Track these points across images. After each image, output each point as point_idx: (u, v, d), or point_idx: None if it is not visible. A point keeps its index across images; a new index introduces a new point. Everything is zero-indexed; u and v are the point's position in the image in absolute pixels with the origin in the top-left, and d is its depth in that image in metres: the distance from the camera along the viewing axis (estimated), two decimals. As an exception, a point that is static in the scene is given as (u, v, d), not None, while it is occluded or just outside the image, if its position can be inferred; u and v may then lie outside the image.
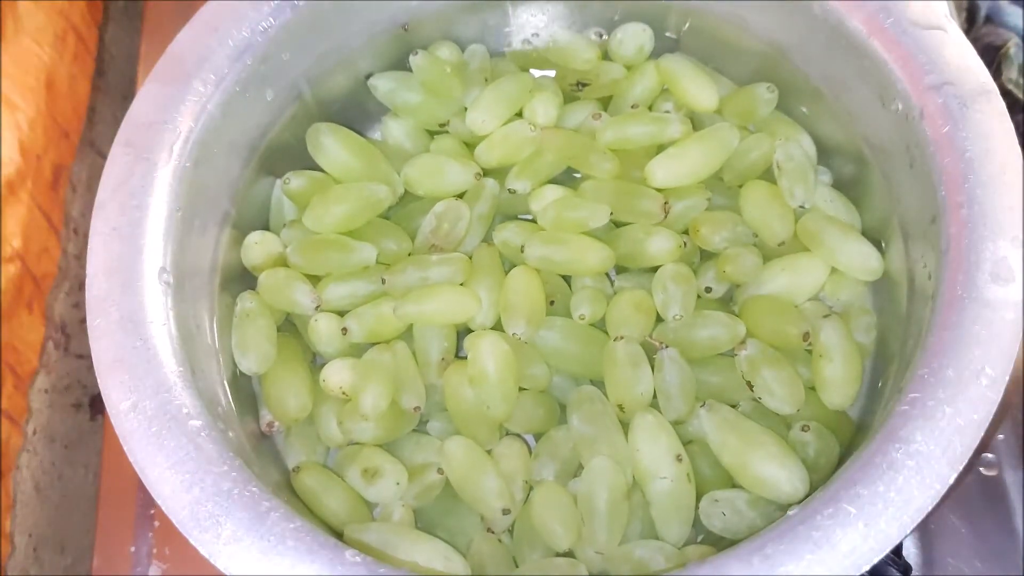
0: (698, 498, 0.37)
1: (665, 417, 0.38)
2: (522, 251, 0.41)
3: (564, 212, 0.41)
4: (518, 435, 0.41)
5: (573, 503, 0.37)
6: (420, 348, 0.41)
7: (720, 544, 0.37)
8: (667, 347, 0.39)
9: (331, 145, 0.44)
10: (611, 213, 0.41)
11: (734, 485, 0.38)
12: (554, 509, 0.37)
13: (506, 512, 0.37)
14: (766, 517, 0.36)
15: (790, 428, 0.39)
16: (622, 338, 0.39)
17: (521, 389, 0.40)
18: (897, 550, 0.41)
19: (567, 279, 0.43)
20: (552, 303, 0.41)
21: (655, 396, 0.39)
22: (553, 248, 0.41)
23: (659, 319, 0.41)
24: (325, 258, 0.42)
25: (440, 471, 0.39)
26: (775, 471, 0.36)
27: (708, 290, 0.41)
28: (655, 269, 0.41)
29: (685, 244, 0.41)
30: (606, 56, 0.48)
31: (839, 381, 0.38)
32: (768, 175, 0.43)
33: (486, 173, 0.44)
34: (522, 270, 0.41)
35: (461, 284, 0.41)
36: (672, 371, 0.39)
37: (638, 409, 0.38)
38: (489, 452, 0.39)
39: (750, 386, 0.39)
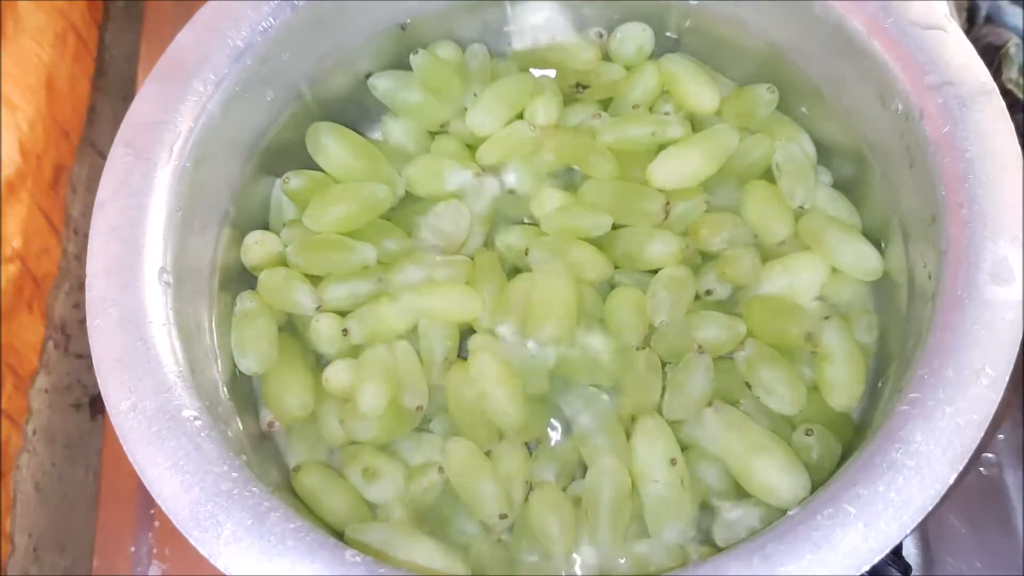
0: (699, 502, 0.37)
1: (667, 415, 0.38)
2: (526, 254, 0.41)
3: (567, 220, 0.42)
4: (518, 435, 0.41)
5: (571, 507, 0.37)
6: (424, 348, 0.41)
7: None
8: (703, 351, 0.39)
9: (331, 145, 0.44)
10: (611, 216, 0.41)
11: (736, 491, 0.38)
12: (552, 512, 0.37)
13: (503, 517, 0.37)
14: (766, 519, 0.36)
15: (794, 428, 0.39)
16: (647, 348, 0.39)
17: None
18: (897, 550, 0.41)
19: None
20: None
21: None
22: (556, 256, 0.41)
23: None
24: (325, 258, 0.41)
25: (441, 470, 0.39)
26: (779, 479, 0.35)
27: (709, 292, 0.41)
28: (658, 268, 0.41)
29: (688, 246, 0.41)
30: (606, 56, 0.48)
31: (844, 382, 0.38)
32: (768, 175, 0.43)
33: (486, 172, 0.44)
34: (528, 277, 0.41)
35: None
36: (700, 376, 0.38)
37: (644, 415, 0.38)
38: (488, 453, 0.39)
39: (749, 387, 0.38)
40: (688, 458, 0.38)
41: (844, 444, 0.39)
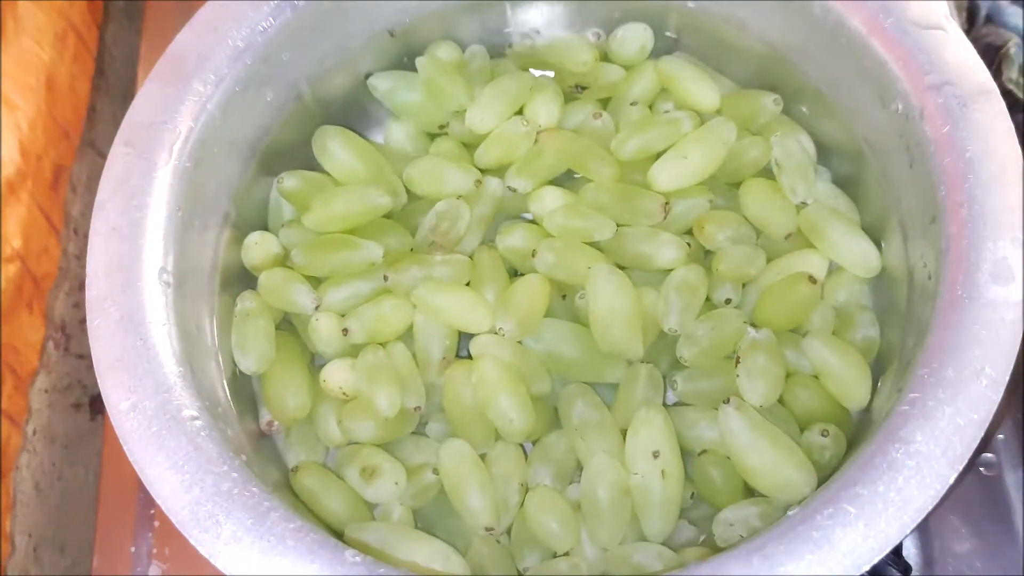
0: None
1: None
2: (533, 255, 0.41)
3: (571, 221, 0.41)
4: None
5: (568, 506, 0.37)
6: (421, 346, 0.41)
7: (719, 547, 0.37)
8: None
9: (338, 150, 0.44)
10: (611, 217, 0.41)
11: (744, 493, 0.37)
12: (550, 512, 0.37)
13: (489, 530, 0.37)
14: (767, 518, 0.36)
15: (803, 429, 0.38)
16: (650, 363, 0.39)
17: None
18: (897, 550, 0.41)
19: None
20: (564, 297, 0.42)
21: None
22: (563, 258, 0.41)
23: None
24: (330, 258, 0.41)
25: (436, 471, 0.39)
26: (796, 475, 0.35)
27: (728, 302, 0.41)
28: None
29: (689, 244, 0.41)
30: (605, 57, 0.47)
31: (850, 382, 0.38)
32: (765, 173, 0.43)
33: (485, 173, 0.44)
34: (536, 278, 0.41)
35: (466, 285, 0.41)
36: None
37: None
38: (483, 456, 0.39)
39: (737, 361, 0.38)
40: (703, 461, 0.38)
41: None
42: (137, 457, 0.32)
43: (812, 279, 0.39)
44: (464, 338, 0.42)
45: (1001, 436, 0.43)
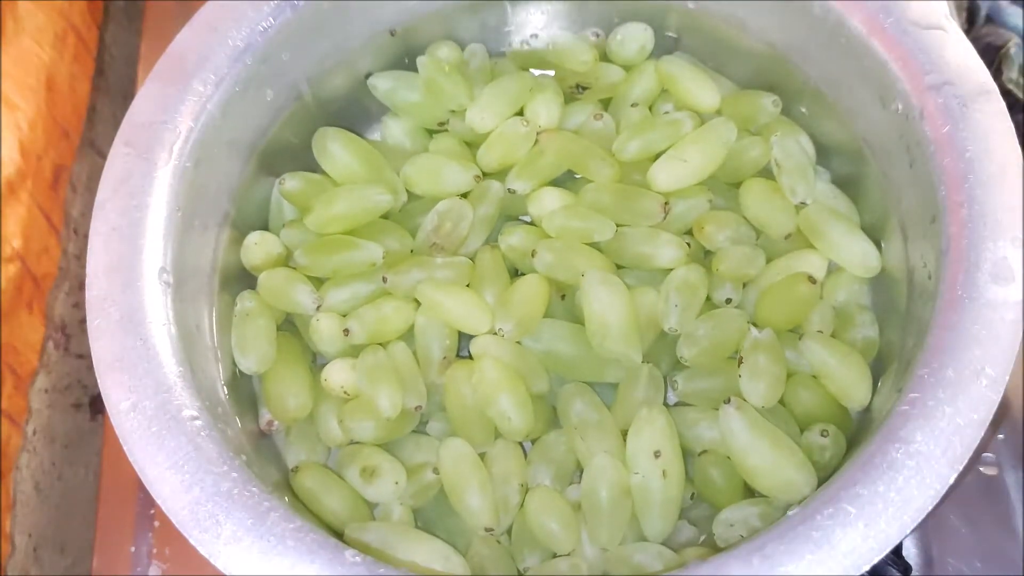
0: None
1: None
2: (532, 255, 0.41)
3: (571, 221, 0.41)
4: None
5: (568, 506, 0.37)
6: (422, 346, 0.41)
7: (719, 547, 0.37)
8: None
9: (338, 152, 0.44)
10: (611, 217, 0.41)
11: (744, 493, 0.37)
12: (550, 512, 0.37)
13: (489, 530, 0.37)
14: (767, 518, 0.36)
15: (803, 430, 0.38)
16: (650, 363, 0.39)
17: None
18: (897, 550, 0.41)
19: None
20: (564, 297, 0.42)
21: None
22: (562, 258, 0.41)
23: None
24: (331, 258, 0.41)
25: (435, 471, 0.39)
26: (796, 475, 0.35)
27: (728, 301, 0.41)
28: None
29: (689, 245, 0.41)
30: (604, 57, 0.47)
31: (850, 382, 0.38)
32: (764, 173, 0.43)
33: (488, 176, 0.44)
34: (536, 279, 0.41)
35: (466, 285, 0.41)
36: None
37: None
38: (483, 455, 0.39)
39: (740, 361, 0.38)
40: (703, 461, 0.38)
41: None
42: (137, 457, 0.32)
43: (812, 279, 0.39)
44: (464, 338, 0.42)
45: (1001, 436, 0.43)
